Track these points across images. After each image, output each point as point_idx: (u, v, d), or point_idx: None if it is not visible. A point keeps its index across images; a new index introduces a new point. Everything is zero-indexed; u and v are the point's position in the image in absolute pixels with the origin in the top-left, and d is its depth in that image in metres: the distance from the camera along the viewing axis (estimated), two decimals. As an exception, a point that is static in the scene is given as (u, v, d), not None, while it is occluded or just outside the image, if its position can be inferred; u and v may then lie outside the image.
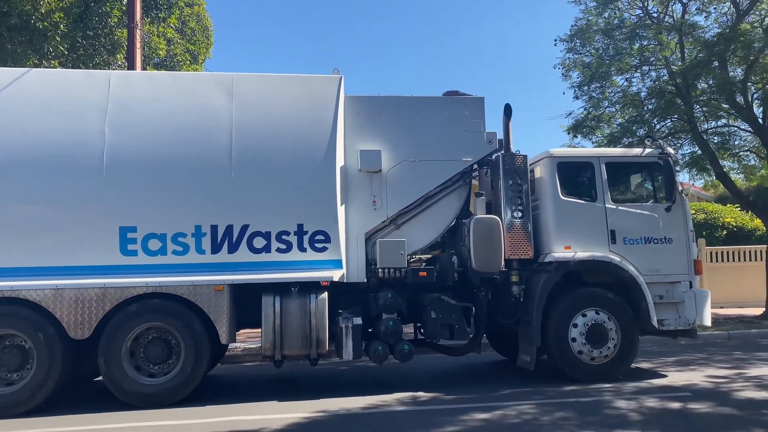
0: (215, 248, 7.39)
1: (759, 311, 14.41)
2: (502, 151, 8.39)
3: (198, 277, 7.27)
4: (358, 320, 7.64)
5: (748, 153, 15.68)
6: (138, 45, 12.29)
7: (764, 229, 18.17)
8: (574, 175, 8.46)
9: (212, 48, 18.94)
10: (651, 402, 6.68)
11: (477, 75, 64.18)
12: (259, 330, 7.52)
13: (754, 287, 15.73)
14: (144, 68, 13.69)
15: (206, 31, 18.62)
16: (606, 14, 14.60)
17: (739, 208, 20.21)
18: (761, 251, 16.94)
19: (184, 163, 7.46)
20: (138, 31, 12.17)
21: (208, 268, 7.34)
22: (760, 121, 13.95)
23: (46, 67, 12.34)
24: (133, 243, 7.24)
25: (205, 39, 18.52)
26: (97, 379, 8.36)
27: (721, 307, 15.81)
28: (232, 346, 10.40)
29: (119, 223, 7.23)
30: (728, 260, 17.77)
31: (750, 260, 17.62)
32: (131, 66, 11.98)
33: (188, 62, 17.70)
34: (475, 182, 8.85)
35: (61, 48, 12.63)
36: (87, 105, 7.48)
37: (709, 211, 19.96)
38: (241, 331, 8.56)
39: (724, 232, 19.34)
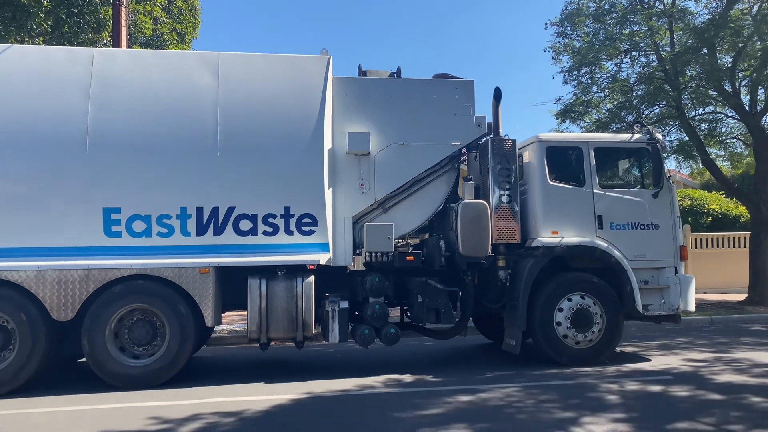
0: (201, 230, 7.33)
1: (742, 297, 14.58)
2: (491, 135, 8.36)
3: (183, 260, 7.22)
4: (345, 304, 7.64)
5: (735, 140, 15.79)
6: (123, 23, 12.10)
7: (748, 216, 18.36)
8: (563, 160, 8.46)
9: (199, 28, 18.69)
10: (633, 385, 6.74)
11: (467, 59, 63.95)
12: (246, 312, 7.49)
13: (738, 273, 15.92)
14: (129, 47, 13.49)
15: (193, 10, 18.34)
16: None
17: (724, 195, 20.40)
18: (745, 238, 17.12)
19: (168, 144, 7.36)
20: (123, 8, 11.97)
21: (193, 250, 7.29)
22: (747, 108, 14.02)
23: (29, 45, 12.10)
24: (117, 224, 7.16)
25: (193, 18, 18.25)
26: (81, 360, 8.31)
27: (705, 293, 16.00)
28: (218, 328, 10.40)
29: (103, 204, 7.15)
30: (713, 246, 17.98)
31: (734, 246, 17.84)
32: (116, 45, 11.80)
33: (175, 42, 17.46)
34: (463, 167, 8.83)
35: (45, 25, 12.38)
36: (70, 82, 7.34)
37: (695, 198, 20.13)
38: (228, 313, 8.53)
39: (709, 219, 19.53)
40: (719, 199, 20.38)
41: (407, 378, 7.41)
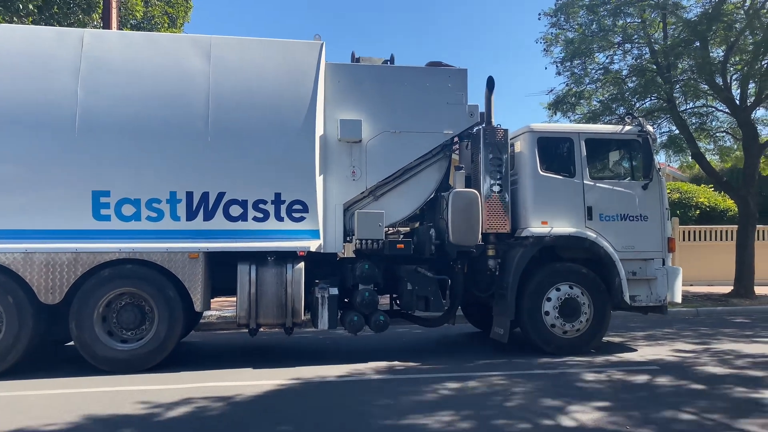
0: (190, 215, 7.30)
1: (728, 289, 14.75)
2: (484, 125, 8.35)
3: (173, 244, 7.19)
4: (335, 290, 7.65)
5: (724, 134, 15.88)
6: (114, 5, 11.96)
7: (735, 209, 18.52)
8: (554, 151, 8.48)
9: (191, 11, 18.46)
10: (619, 375, 6.81)
11: (460, 48, 63.75)
12: (235, 298, 7.48)
13: (724, 266, 16.08)
14: (120, 30, 13.32)
15: (186, -7, 18.11)
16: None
17: (712, 189, 20.57)
18: (732, 231, 17.29)
19: (159, 127, 7.31)
20: (114, -10, 11.80)
21: (183, 234, 7.26)
22: (737, 102, 14.09)
23: (17, 24, 11.93)
24: (106, 207, 7.12)
25: (185, 2, 18.03)
26: (68, 343, 8.29)
27: (692, 285, 16.16)
28: (207, 313, 10.39)
29: (92, 187, 7.10)
30: (700, 239, 18.15)
31: (721, 240, 18.03)
32: (107, 27, 11.67)
33: (166, 25, 17.27)
34: (455, 156, 8.83)
35: (32, 5, 12.20)
36: (59, 64, 7.25)
37: (684, 191, 20.28)
38: (216, 298, 8.51)
39: (697, 212, 19.71)
40: (708, 193, 20.55)
41: (395, 365, 7.44)
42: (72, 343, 7.27)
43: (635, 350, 8.36)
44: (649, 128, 8.70)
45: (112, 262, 7.08)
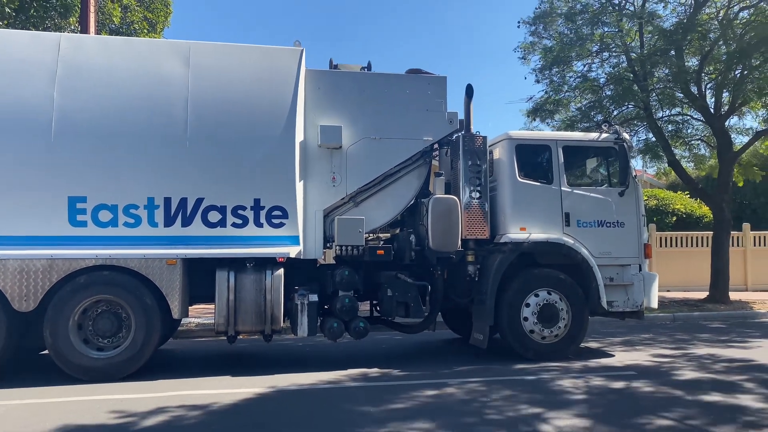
0: (168, 221, 7.23)
1: (703, 295, 14.97)
2: (463, 132, 8.41)
3: (150, 250, 7.12)
4: (314, 297, 7.62)
5: (699, 142, 16.14)
6: (92, 9, 11.83)
7: (711, 216, 18.82)
8: (532, 158, 8.56)
9: (171, 17, 18.35)
10: (597, 381, 6.86)
11: (439, 56, 64.07)
12: (213, 305, 7.42)
13: (700, 272, 16.34)
14: (98, 34, 13.19)
15: (165, -1, 17.99)
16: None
17: (688, 196, 20.88)
18: (708, 237, 17.57)
19: (137, 132, 7.24)
20: (92, -7, 11.69)
21: (160, 241, 7.19)
22: (712, 110, 14.34)
23: (-8, 28, 11.76)
24: (83, 213, 7.03)
25: (164, 7, 17.92)
26: (43, 352, 8.15)
27: (668, 291, 16.38)
28: (185, 320, 10.29)
29: (68, 193, 7.00)
30: (676, 245, 18.41)
31: (697, 246, 18.29)
32: (84, 31, 11.54)
33: (146, 30, 17.15)
34: (434, 162, 8.87)
35: (9, 9, 12.04)
36: (35, 68, 7.16)
37: (661, 198, 20.57)
38: (194, 306, 8.43)
39: (674, 219, 19.99)
40: (684, 200, 20.87)
41: (374, 372, 7.43)
42: (46, 351, 7.14)
43: (613, 356, 8.44)
44: (626, 136, 8.82)
45: (88, 269, 6.99)
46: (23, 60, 7.18)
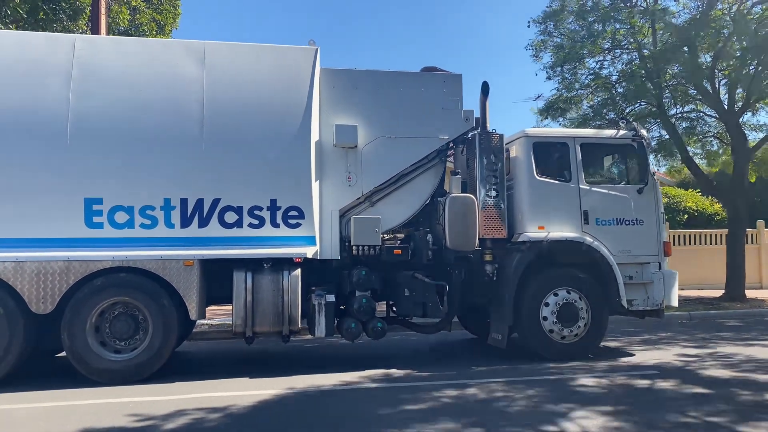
0: (185, 222, 7.18)
1: (718, 293, 14.82)
2: (479, 130, 8.33)
3: (167, 252, 7.07)
4: (332, 297, 7.56)
5: (712, 139, 16.01)
6: (103, 11, 11.82)
7: (723, 213, 18.67)
8: (549, 156, 8.46)
9: (180, 18, 18.34)
10: (621, 380, 6.77)
11: (454, 54, 63.91)
12: (228, 306, 7.37)
13: (713, 269, 16.20)
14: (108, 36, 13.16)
15: (174, 0, 17.98)
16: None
17: (699, 193, 20.72)
18: (720, 235, 17.45)
19: (152, 134, 7.20)
20: (103, -4, 11.67)
21: (177, 242, 7.14)
22: (726, 107, 14.21)
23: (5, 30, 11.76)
24: (99, 215, 6.98)
25: (173, 9, 17.90)
26: (60, 354, 8.12)
27: (682, 289, 16.13)
28: (200, 322, 10.23)
29: (84, 195, 6.96)
30: (689, 243, 18.26)
31: (709, 244, 18.12)
32: (96, 33, 11.51)
33: (154, 32, 17.11)
34: (449, 161, 8.80)
35: (20, 11, 12.04)
36: (50, 69, 7.13)
37: (672, 196, 20.41)
38: (208, 307, 8.38)
39: (685, 216, 19.83)
40: (695, 197, 20.71)
41: (394, 373, 7.35)
42: (64, 353, 7.10)
43: (633, 354, 8.34)
44: (644, 132, 8.73)
45: (105, 271, 6.95)
46: (38, 61, 7.16)
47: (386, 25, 63.87)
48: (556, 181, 8.30)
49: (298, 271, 7.39)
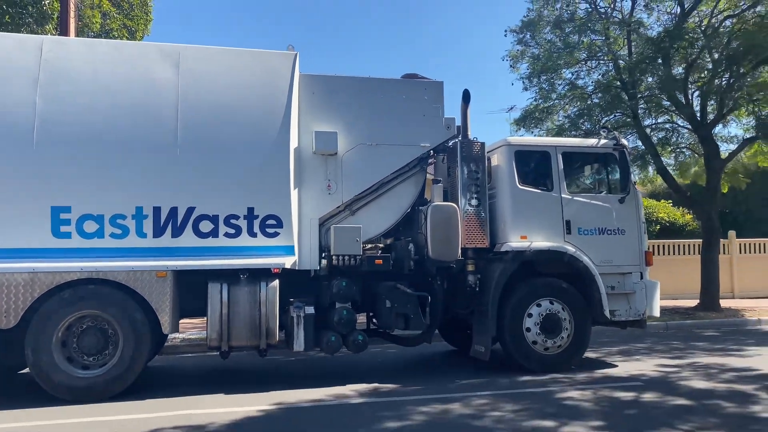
0: (158, 231, 6.90)
1: (693, 303, 14.91)
2: (460, 138, 8.21)
3: (139, 262, 6.77)
4: (311, 309, 7.33)
5: (686, 150, 16.19)
6: (72, 15, 11.47)
7: (694, 224, 18.91)
8: (531, 164, 8.38)
9: (151, 24, 17.99)
10: (605, 392, 6.67)
11: (434, 62, 64.07)
12: (203, 319, 7.09)
13: (687, 280, 16.31)
14: (77, 40, 12.77)
15: (145, 6, 17.62)
16: (557, 5, 14.64)
17: (671, 204, 20.97)
18: (693, 245, 17.62)
19: (124, 139, 6.92)
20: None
21: (149, 252, 6.85)
22: (699, 118, 14.39)
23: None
24: (67, 224, 6.66)
25: (144, 14, 17.54)
26: (23, 371, 7.72)
27: (657, 299, 16.28)
28: (171, 336, 9.88)
29: (51, 203, 6.64)
30: (663, 254, 18.38)
31: (683, 254, 18.28)
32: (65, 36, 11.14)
33: (125, 38, 16.72)
34: (430, 169, 8.66)
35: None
36: (15, 72, 6.80)
37: (645, 206, 20.60)
38: (182, 320, 8.08)
39: (658, 227, 20.01)
40: (667, 208, 20.95)
41: (376, 387, 7.13)
42: (27, 370, 6.73)
43: (615, 366, 8.26)
44: (625, 142, 8.72)
45: (73, 283, 6.61)
46: (4, 63, 6.82)
47: (367, 32, 63.94)
48: (538, 190, 8.21)
49: (276, 282, 7.15)
